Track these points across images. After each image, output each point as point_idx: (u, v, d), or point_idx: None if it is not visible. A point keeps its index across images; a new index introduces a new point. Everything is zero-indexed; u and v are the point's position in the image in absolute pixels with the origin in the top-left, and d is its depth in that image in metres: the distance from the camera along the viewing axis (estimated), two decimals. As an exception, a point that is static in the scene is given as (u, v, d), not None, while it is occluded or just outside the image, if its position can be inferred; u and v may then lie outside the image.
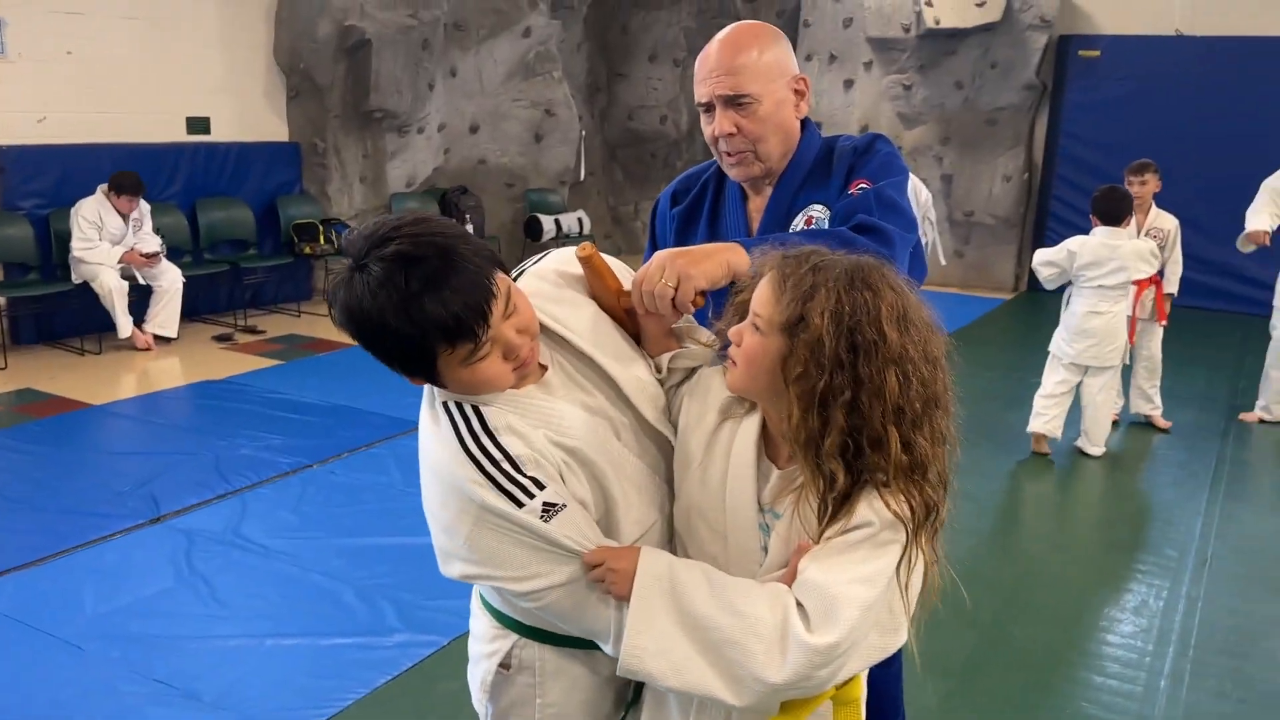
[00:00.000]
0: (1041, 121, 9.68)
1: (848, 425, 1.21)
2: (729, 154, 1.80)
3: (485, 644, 1.53)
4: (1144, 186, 5.38)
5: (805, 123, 1.86)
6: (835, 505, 1.23)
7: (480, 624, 1.56)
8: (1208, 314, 8.47)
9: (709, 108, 1.78)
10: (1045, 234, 9.59)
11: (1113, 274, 4.86)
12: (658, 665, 1.27)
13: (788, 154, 1.83)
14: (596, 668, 1.48)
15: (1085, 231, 5.02)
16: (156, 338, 6.78)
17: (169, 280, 6.79)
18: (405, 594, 3.45)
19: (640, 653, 1.27)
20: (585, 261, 1.47)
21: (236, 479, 4.43)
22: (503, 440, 1.30)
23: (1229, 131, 8.71)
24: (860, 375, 1.20)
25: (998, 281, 9.83)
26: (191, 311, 7.34)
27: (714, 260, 1.43)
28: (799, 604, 1.22)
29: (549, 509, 1.29)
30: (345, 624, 3.27)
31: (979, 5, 9.20)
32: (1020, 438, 5.27)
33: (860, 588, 1.21)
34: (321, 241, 7.86)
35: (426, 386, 1.41)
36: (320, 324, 7.55)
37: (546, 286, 1.46)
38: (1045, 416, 5.16)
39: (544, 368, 1.41)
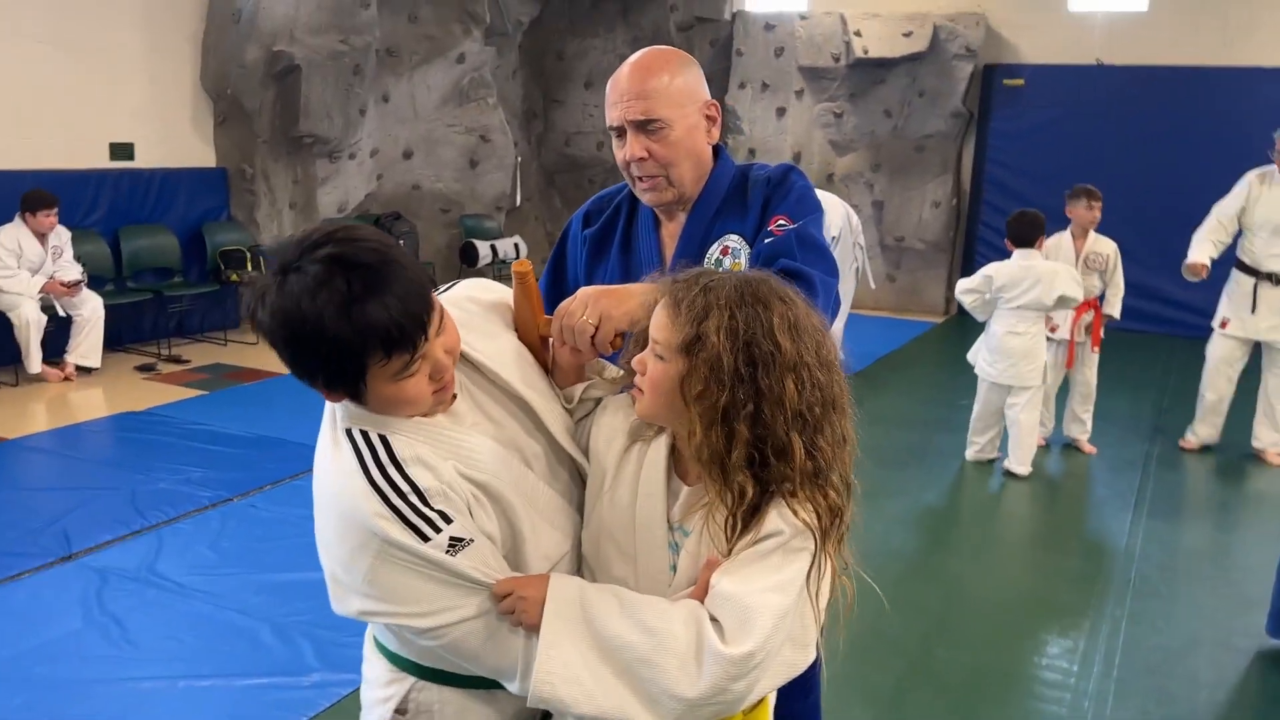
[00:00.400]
0: (968, 149, 9.88)
1: (752, 437, 1.22)
2: (641, 179, 1.79)
3: (380, 689, 1.46)
4: (1091, 211, 5.45)
5: (718, 149, 1.86)
6: (745, 518, 1.24)
7: (374, 669, 1.49)
8: (1132, 336, 8.67)
9: (620, 132, 1.77)
10: (974, 258, 9.75)
11: (1026, 294, 4.95)
12: (570, 691, 1.23)
13: (701, 179, 1.81)
14: (500, 708, 1.43)
15: (1009, 255, 5.11)
16: (78, 368, 6.59)
17: (90, 309, 6.60)
18: (323, 631, 3.35)
19: (552, 679, 1.24)
20: (521, 278, 1.45)
21: (153, 514, 4.29)
22: (410, 472, 1.25)
23: (1148, 157, 8.96)
24: (760, 386, 1.22)
25: (929, 305, 9.97)
26: (115, 341, 7.14)
27: (636, 300, 1.43)
28: (713, 618, 1.22)
29: (456, 543, 1.25)
30: (261, 663, 3.17)
31: (906, 35, 9.38)
32: (949, 459, 5.32)
33: (774, 595, 1.21)
34: (249, 268, 7.71)
35: (326, 411, 1.35)
36: (247, 352, 7.39)
37: (460, 314, 1.42)
38: (977, 445, 5.27)
39: (453, 396, 1.37)
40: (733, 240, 1.79)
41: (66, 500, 4.42)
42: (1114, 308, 5.52)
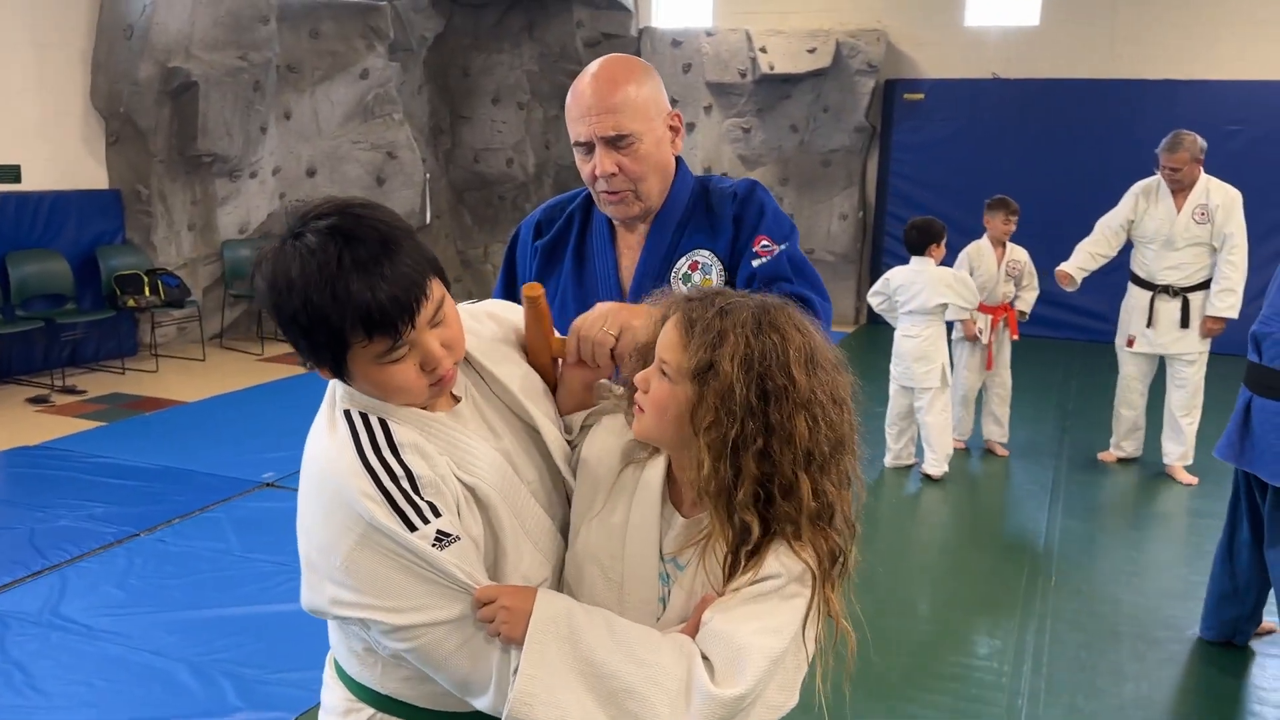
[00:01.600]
0: (873, 162, 10.09)
1: (759, 474, 1.18)
2: (609, 194, 1.75)
3: (336, 717, 1.41)
4: (1006, 224, 5.62)
5: (678, 160, 1.83)
6: (746, 557, 1.20)
7: (332, 695, 1.43)
8: (1034, 341, 8.93)
9: (588, 148, 1.72)
10: (880, 268, 9.94)
11: (915, 298, 5.14)
12: (548, 715, 1.17)
13: (665, 191, 1.79)
14: None
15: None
16: (-38, 402, 6.25)
17: (-25, 339, 6.27)
18: (245, 669, 3.21)
19: (530, 700, 1.17)
20: (532, 301, 1.41)
21: (54, 553, 4.06)
22: (406, 457, 1.21)
23: (1044, 167, 9.27)
24: (771, 422, 1.17)
25: (839, 315, 10.12)
26: (3, 372, 6.81)
27: (653, 316, 1.39)
28: (703, 655, 1.18)
29: (443, 538, 1.19)
30: (179, 706, 3.01)
31: (810, 52, 9.54)
32: (867, 466, 5.39)
33: (769, 638, 1.17)
34: (147, 293, 7.42)
35: (329, 390, 1.31)
36: (146, 381, 7.10)
37: (476, 325, 1.41)
38: (894, 450, 5.37)
39: (457, 399, 1.34)
40: (703, 255, 1.77)
41: (-43, 542, 4.16)
42: (1026, 304, 5.75)
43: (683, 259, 1.77)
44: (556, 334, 1.45)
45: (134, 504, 4.62)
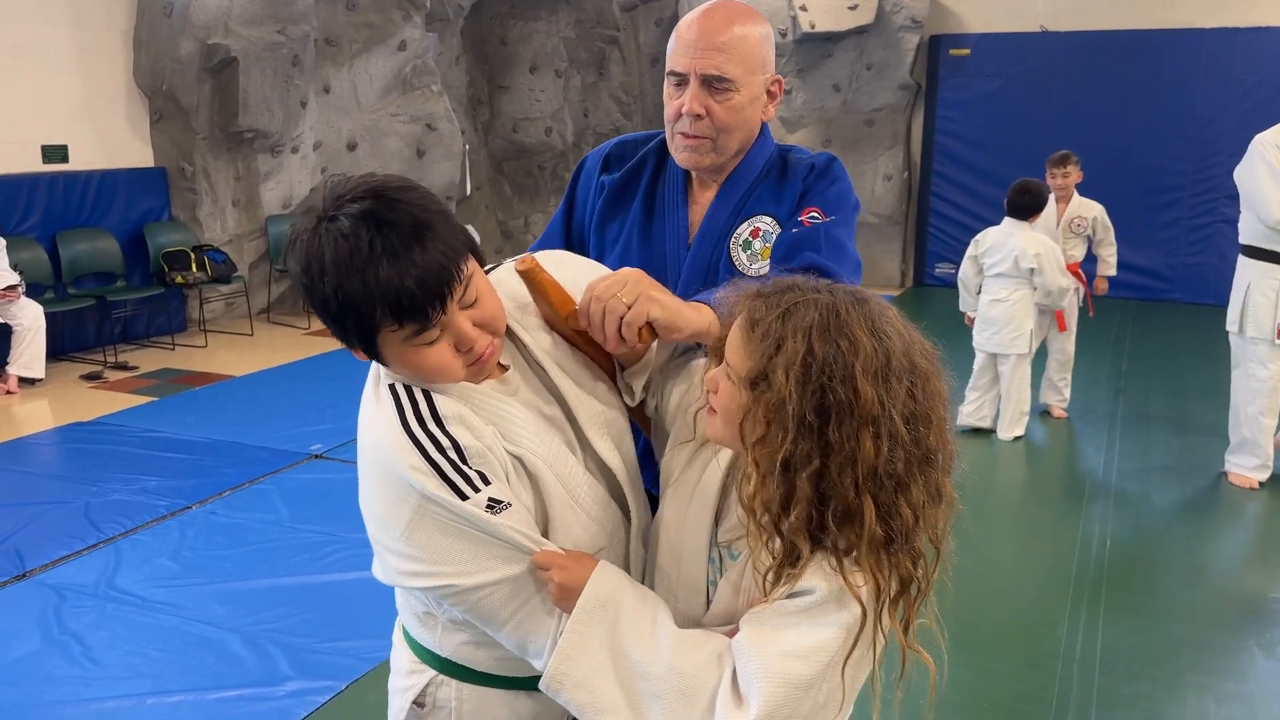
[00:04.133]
0: (918, 120, 9.89)
1: (815, 495, 1.07)
2: (687, 135, 1.66)
3: (402, 678, 1.44)
4: (1066, 178, 5.52)
5: (763, 126, 1.75)
6: (789, 568, 1.10)
7: (399, 657, 1.45)
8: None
9: (681, 80, 1.64)
10: (927, 230, 9.79)
11: (1006, 260, 5.03)
12: (577, 697, 1.17)
13: (741, 153, 1.71)
14: (518, 709, 1.38)
15: (964, 225, 5.14)
16: (21, 380, 6.36)
17: (29, 318, 6.37)
18: (296, 638, 3.24)
19: (564, 679, 1.17)
20: (525, 275, 1.33)
21: (109, 527, 4.14)
22: (451, 429, 1.20)
23: (1094, 121, 9.03)
24: (830, 441, 1.05)
25: (885, 278, 9.98)
26: (58, 350, 6.91)
27: (680, 306, 1.33)
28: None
29: (495, 504, 1.19)
30: (232, 675, 3.05)
31: (851, 9, 9.34)
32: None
33: (794, 663, 1.07)
34: (194, 269, 7.51)
35: (373, 366, 1.30)
36: (196, 356, 7.20)
37: (512, 284, 1.37)
38: (967, 410, 5.31)
39: (504, 367, 1.32)
40: (765, 222, 1.70)
41: (17, 517, 4.25)
42: (1109, 267, 5.66)
43: (745, 224, 1.70)
44: (571, 305, 1.36)
45: (186, 477, 4.69)
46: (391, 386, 1.25)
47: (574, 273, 1.41)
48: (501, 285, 1.34)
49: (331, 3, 8.51)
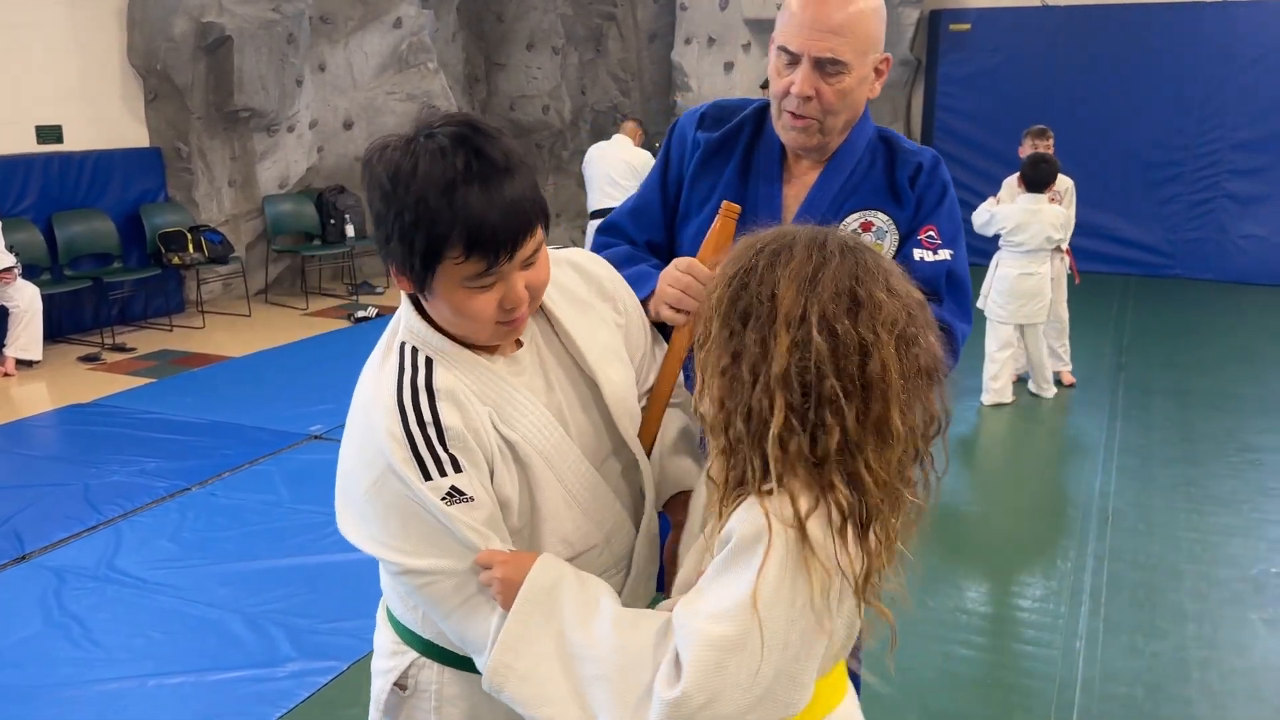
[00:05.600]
0: (918, 96, 9.83)
1: (721, 395, 1.07)
2: (795, 115, 1.62)
3: (384, 659, 1.41)
4: (1050, 150, 5.63)
5: (865, 104, 1.72)
6: (721, 504, 1.08)
7: (382, 638, 1.43)
8: (1085, 275, 8.74)
9: (793, 59, 1.60)
10: (928, 206, 9.75)
11: (1035, 237, 5.22)
12: (521, 690, 1.14)
13: (845, 132, 1.68)
14: None
15: (964, 202, 5.14)
16: (19, 362, 6.33)
17: (26, 300, 6.34)
18: (298, 619, 3.24)
19: (506, 672, 1.15)
20: (727, 220, 1.45)
21: (109, 508, 4.13)
22: (439, 405, 1.19)
23: (1095, 97, 8.98)
24: (746, 340, 1.06)
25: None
26: (55, 332, 6.88)
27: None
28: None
29: (455, 494, 1.17)
30: (234, 656, 3.05)
31: (851, -18, 9.26)
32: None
33: (716, 625, 1.02)
34: (191, 250, 7.46)
35: (395, 318, 1.29)
36: (194, 337, 7.17)
37: (557, 271, 1.35)
38: (993, 388, 5.34)
39: (519, 344, 1.31)
40: (880, 219, 1.66)
41: (16, 499, 4.24)
42: (1066, 237, 5.70)
43: (855, 215, 1.66)
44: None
45: (185, 458, 4.68)
46: (402, 346, 1.24)
47: (601, 270, 1.45)
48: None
49: (326, -20, 8.44)
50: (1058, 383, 5.69)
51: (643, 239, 1.81)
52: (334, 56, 8.72)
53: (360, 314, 7.71)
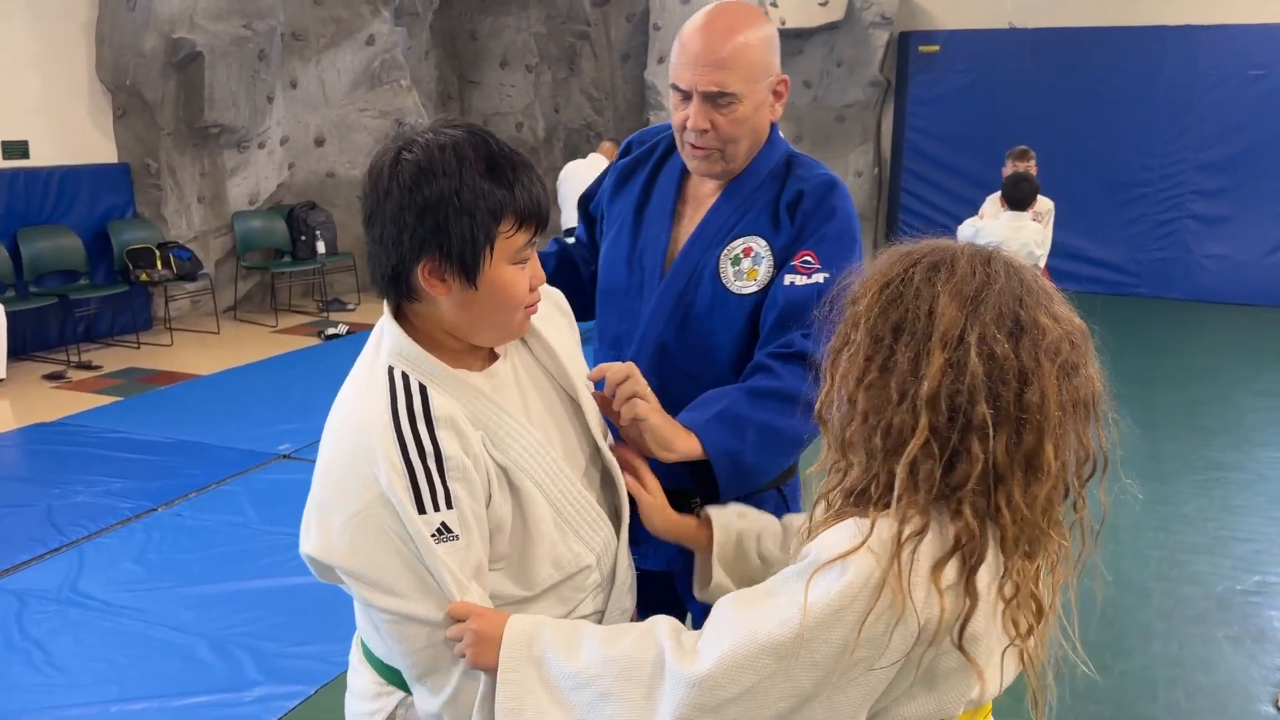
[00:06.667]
0: (888, 116, 9.93)
1: (872, 411, 1.04)
2: (696, 147, 1.67)
3: (365, 702, 1.35)
4: (1031, 171, 5.75)
5: (772, 126, 1.75)
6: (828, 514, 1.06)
7: (360, 679, 1.37)
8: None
9: (686, 96, 1.64)
10: (897, 225, 9.82)
11: (1017, 254, 5.16)
12: None
13: (751, 155, 1.71)
14: None
15: (934, 221, 5.26)
16: (-20, 380, 6.25)
17: (-11, 317, 6.26)
18: (265, 642, 3.20)
19: None
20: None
21: (72, 530, 4.06)
22: (439, 433, 1.17)
23: (1062, 118, 9.10)
24: (897, 355, 1.02)
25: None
26: (19, 350, 6.78)
27: (676, 430, 1.44)
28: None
29: (444, 532, 1.15)
30: (199, 681, 3.00)
31: (822, 5, 9.36)
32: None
33: (768, 625, 1.00)
34: (159, 267, 7.39)
35: (372, 339, 1.27)
36: (161, 354, 7.09)
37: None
38: None
39: (494, 357, 1.30)
40: (759, 244, 1.68)
41: (-24, 520, 4.17)
42: (1043, 257, 5.82)
43: (740, 240, 1.69)
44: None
45: (151, 479, 4.62)
46: (390, 370, 1.21)
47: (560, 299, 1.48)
48: None
49: (298, -3, 8.42)
50: None
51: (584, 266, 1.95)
52: (306, 73, 8.69)
53: (331, 331, 7.66)
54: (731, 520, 1.38)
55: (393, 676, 1.31)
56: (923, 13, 9.61)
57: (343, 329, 7.73)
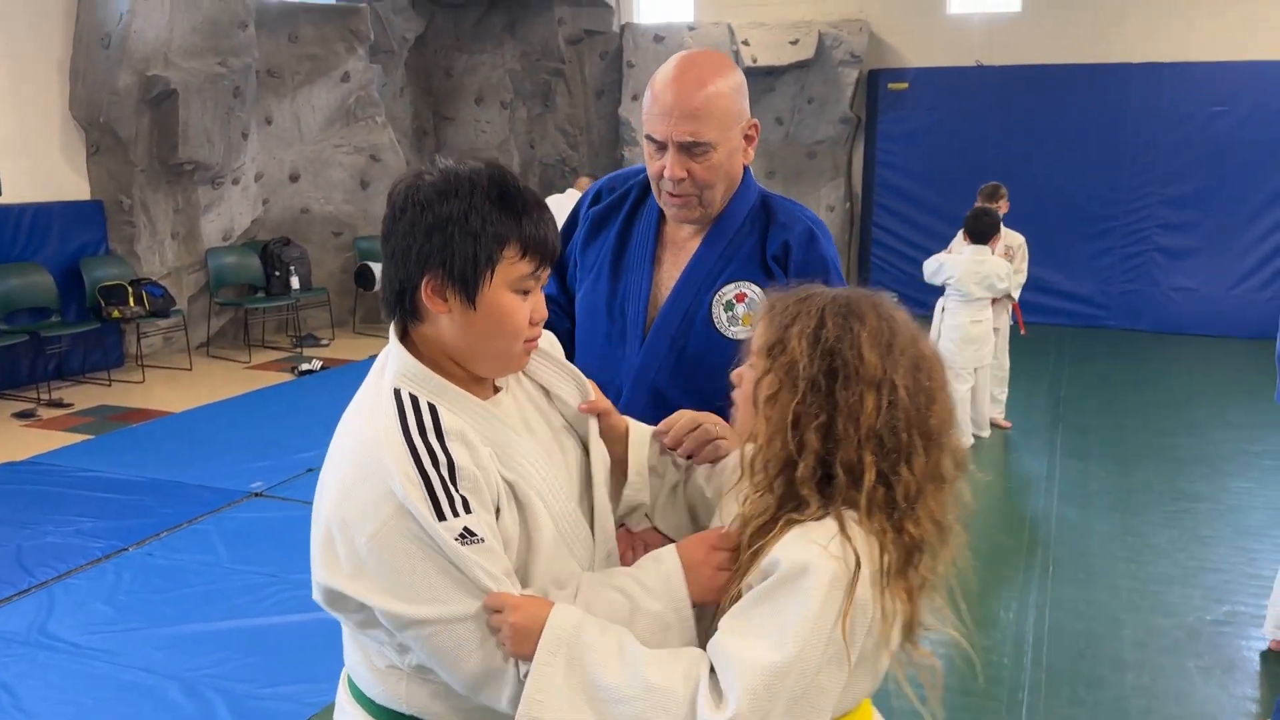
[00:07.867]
0: (858, 153, 10.07)
1: (822, 450, 1.15)
2: (673, 195, 1.71)
3: None
4: (1001, 209, 5.86)
5: (745, 170, 1.79)
6: (759, 534, 1.16)
7: None
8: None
9: (660, 146, 1.69)
10: (869, 260, 9.92)
11: (981, 285, 5.45)
12: None
13: (727, 199, 1.76)
14: None
15: (905, 255, 5.35)
16: (-53, 419, 6.18)
17: (-42, 355, 6.20)
18: (236, 684, 3.16)
19: None
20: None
21: (41, 571, 4.01)
22: (450, 444, 1.19)
23: (1030, 153, 9.26)
24: (838, 399, 1.15)
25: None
26: (-13, 387, 6.73)
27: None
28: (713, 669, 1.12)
29: (468, 536, 1.15)
30: (170, 724, 2.97)
31: (792, 43, 9.51)
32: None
33: (763, 651, 1.09)
34: (131, 304, 7.35)
35: (377, 365, 1.29)
36: (133, 392, 7.04)
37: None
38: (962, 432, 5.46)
39: (497, 389, 1.34)
40: (753, 290, 1.73)
41: (-57, 562, 4.11)
42: (1016, 292, 5.94)
43: (731, 285, 1.74)
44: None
45: (122, 518, 4.57)
46: (397, 391, 1.23)
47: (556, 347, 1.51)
48: None
49: (274, 34, 8.46)
50: (992, 425, 5.91)
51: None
52: (281, 110, 8.72)
53: (304, 367, 7.63)
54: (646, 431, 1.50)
55: (384, 715, 1.29)
56: (892, 51, 9.78)
57: (316, 364, 7.70)
